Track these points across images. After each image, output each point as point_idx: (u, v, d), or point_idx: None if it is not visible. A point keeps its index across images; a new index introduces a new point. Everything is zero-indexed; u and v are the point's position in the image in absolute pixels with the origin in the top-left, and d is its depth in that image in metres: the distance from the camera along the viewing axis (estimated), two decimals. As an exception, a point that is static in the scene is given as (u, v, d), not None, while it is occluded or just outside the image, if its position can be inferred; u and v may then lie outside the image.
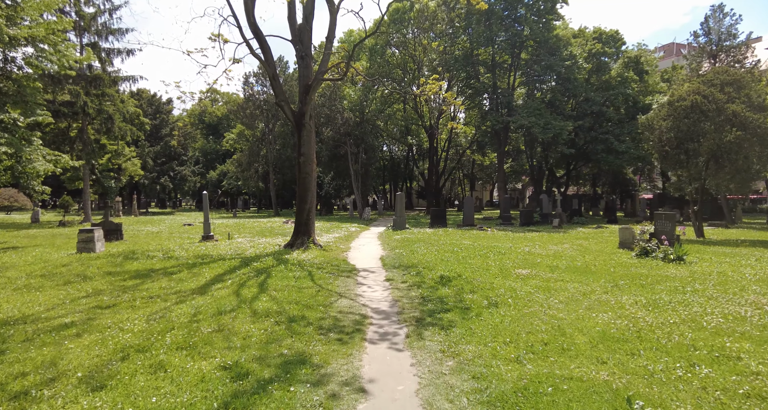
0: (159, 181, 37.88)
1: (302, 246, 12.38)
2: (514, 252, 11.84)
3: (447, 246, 13.27)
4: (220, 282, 8.00)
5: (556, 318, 5.43)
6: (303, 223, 12.81)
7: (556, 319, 5.35)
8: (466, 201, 22.43)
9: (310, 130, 13.15)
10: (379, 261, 10.88)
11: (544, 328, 4.99)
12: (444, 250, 12.18)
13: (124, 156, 30.87)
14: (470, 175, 59.36)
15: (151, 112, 40.27)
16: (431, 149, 38.50)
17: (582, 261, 10.38)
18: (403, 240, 15.27)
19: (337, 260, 10.72)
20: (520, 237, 16.68)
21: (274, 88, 13.04)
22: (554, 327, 5.04)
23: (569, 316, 5.48)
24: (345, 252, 12.49)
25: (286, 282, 7.92)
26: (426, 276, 8.42)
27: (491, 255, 11.23)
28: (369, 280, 8.48)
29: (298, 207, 13.03)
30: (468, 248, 12.74)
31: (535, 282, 7.70)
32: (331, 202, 41.50)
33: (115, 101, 24.34)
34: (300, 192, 13.05)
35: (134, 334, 4.82)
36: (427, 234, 17.34)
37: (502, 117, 29.05)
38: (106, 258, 10.55)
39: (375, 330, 5.30)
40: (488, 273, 8.71)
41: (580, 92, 30.33)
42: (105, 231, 14.72)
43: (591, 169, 41.28)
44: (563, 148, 30.04)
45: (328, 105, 32.32)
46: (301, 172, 13.05)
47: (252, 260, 10.30)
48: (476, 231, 19.21)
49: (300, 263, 9.90)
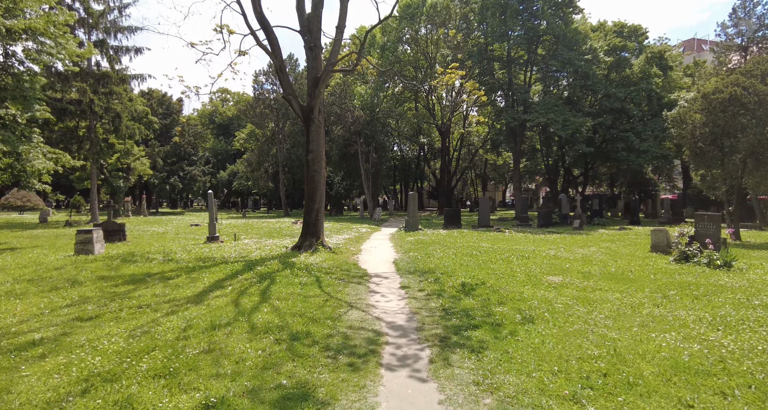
0: (169, 181, 37.61)
1: (310, 249, 11.64)
2: (538, 256, 10.93)
3: (465, 249, 12.40)
4: (219, 289, 7.27)
5: (607, 338, 4.55)
6: (311, 224, 12.07)
7: (608, 340, 4.48)
8: (481, 201, 21.50)
9: (319, 126, 12.41)
10: (392, 266, 10.07)
11: (597, 353, 4.12)
12: (462, 254, 11.32)
13: (133, 155, 30.59)
14: (482, 174, 58.19)
15: (161, 112, 40.10)
16: (443, 148, 37.57)
17: (615, 266, 9.44)
18: (417, 242, 14.44)
19: (347, 264, 9.94)
20: (542, 239, 15.71)
21: (281, 81, 12.34)
22: (609, 351, 4.17)
23: (623, 337, 4.60)
24: (355, 255, 11.71)
25: (291, 289, 7.16)
26: (445, 284, 7.59)
27: (514, 260, 10.34)
28: (382, 288, 7.68)
29: (306, 207, 12.29)
30: (488, 251, 11.86)
31: (571, 292, 6.81)
32: (341, 202, 40.83)
33: (123, 99, 23.96)
34: (308, 191, 12.32)
35: (107, 357, 4.08)
36: (441, 236, 16.48)
37: (517, 114, 28.00)
38: (103, 261, 9.93)
39: (392, 351, 4.49)
40: (515, 280, 7.84)
41: (600, 88, 29.11)
42: (107, 232, 14.20)
43: (609, 169, 39.92)
44: (582, 146, 28.85)
45: (338, 103, 31.63)
46: (309, 170, 12.32)
47: (256, 264, 9.58)
48: (493, 232, 18.28)
49: (307, 267, 9.15)
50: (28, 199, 39.51)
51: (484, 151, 48.23)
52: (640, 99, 29.51)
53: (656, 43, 33.53)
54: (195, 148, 43.28)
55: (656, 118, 29.00)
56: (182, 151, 39.99)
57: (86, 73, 22.23)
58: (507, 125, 29.58)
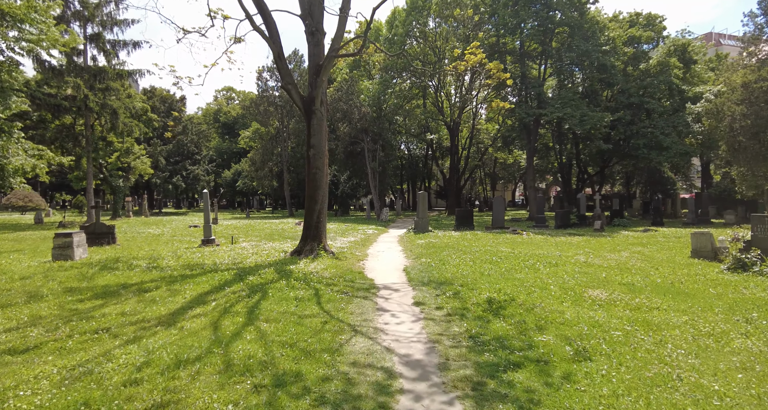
0: (171, 181, 36.79)
1: (311, 254, 10.50)
2: (567, 263, 9.69)
3: (482, 254, 11.18)
4: (201, 305, 6.16)
5: (705, 389, 3.34)
6: (313, 227, 10.94)
7: (709, 394, 3.27)
8: (495, 201, 20.24)
9: (321, 118, 11.28)
10: (402, 274, 8.90)
11: (701, 417, 2.92)
12: (481, 260, 10.11)
13: (134, 154, 29.73)
14: (492, 174, 56.79)
15: (164, 110, 39.32)
16: (452, 146, 36.29)
17: (659, 276, 8.18)
18: (429, 245, 13.25)
19: (352, 272, 8.78)
20: (564, 242, 14.43)
21: (279, 69, 11.22)
22: (717, 413, 2.97)
23: (729, 390, 3.38)
24: (361, 261, 10.55)
25: (284, 306, 6.03)
26: (468, 300, 6.40)
27: (541, 268, 9.11)
28: (392, 303, 6.51)
29: (307, 207, 11.16)
30: (509, 257, 10.64)
31: (623, 313, 5.59)
32: (348, 202, 39.73)
33: (121, 96, 23.06)
34: (309, 190, 11.19)
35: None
36: (454, 239, 15.27)
37: (531, 109, 26.66)
38: (79, 269, 8.88)
39: (409, 406, 3.32)
40: (549, 295, 6.63)
41: (617, 82, 27.64)
42: (95, 234, 13.20)
43: (625, 167, 38.39)
44: (600, 142, 27.43)
45: (344, 99, 30.51)
46: (310, 167, 11.19)
47: (249, 272, 8.46)
48: (509, 234, 17.03)
49: (306, 277, 8.01)
50: (30, 199, 38.91)
51: (494, 149, 46.85)
52: (660, 92, 27.99)
53: (678, 35, 31.95)
54: (198, 146, 42.45)
55: (678, 113, 27.52)
56: (185, 149, 39.16)
57: (81, 68, 21.34)
58: (520, 121, 28.24)
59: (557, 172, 43.72)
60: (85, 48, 21.69)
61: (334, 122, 31.65)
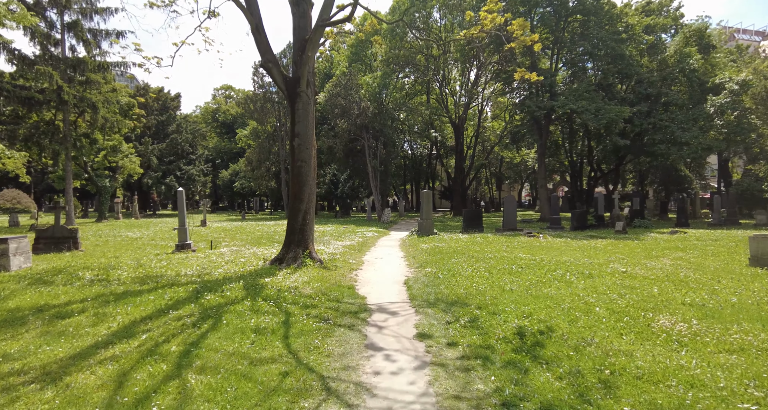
0: (164, 181, 35.27)
1: (294, 263, 8.81)
2: (604, 274, 7.94)
3: (498, 261, 9.45)
4: (124, 339, 4.48)
5: None
6: (297, 230, 9.24)
7: None
8: (506, 201, 18.48)
9: (308, 102, 9.60)
10: (403, 289, 7.19)
11: None
12: (498, 270, 8.37)
13: (122, 152, 28.20)
14: (498, 173, 54.97)
15: (157, 108, 37.83)
16: (457, 144, 34.56)
17: (729, 291, 6.43)
18: (434, 250, 11.53)
19: (340, 287, 7.07)
20: (588, 246, 12.66)
21: (258, 44, 9.55)
22: None
23: None
24: (354, 271, 8.84)
25: (236, 343, 4.34)
26: (490, 330, 4.69)
27: (574, 280, 7.38)
28: (387, 336, 4.80)
29: (291, 208, 9.48)
30: (530, 265, 8.90)
31: (726, 358, 3.85)
32: (349, 203, 38.06)
33: (103, 89, 21.51)
34: (293, 187, 9.50)
35: None
36: (462, 243, 13.53)
37: (542, 102, 24.88)
38: (5, 283, 7.24)
39: None
40: (599, 321, 4.90)
41: (634, 72, 25.79)
42: (53, 239, 11.60)
43: (638, 165, 36.50)
44: (616, 138, 25.54)
45: (343, 94, 28.86)
46: (294, 160, 9.51)
47: (212, 288, 6.78)
48: (524, 237, 15.26)
49: (279, 295, 6.31)
50: (18, 200, 37.50)
51: (500, 147, 45.09)
52: (680, 82, 26.11)
53: (694, 21, 30.03)
54: (194, 146, 40.93)
55: (699, 105, 25.65)
56: (180, 149, 37.64)
57: (58, 58, 19.80)
58: (530, 115, 26.46)
59: (566, 171, 41.90)
60: (63, 37, 20.15)
61: (332, 118, 30.03)
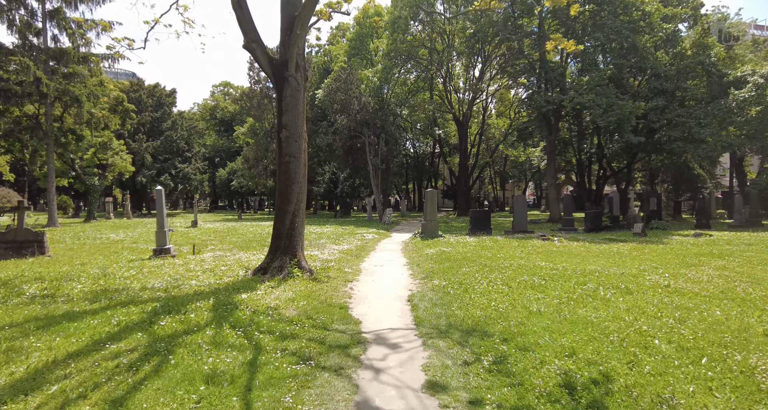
0: (158, 179, 34.10)
1: (279, 273, 7.58)
2: (644, 288, 6.69)
3: (516, 271, 8.21)
4: (20, 397, 3.26)
5: None
6: (284, 235, 8.01)
7: None
8: (516, 201, 17.21)
9: (298, 88, 8.36)
10: (406, 309, 5.95)
11: None
12: (518, 283, 7.13)
13: (112, 150, 27.04)
14: (502, 172, 53.63)
15: (152, 104, 36.65)
16: (462, 142, 33.26)
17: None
18: (441, 257, 10.30)
19: (330, 307, 5.84)
20: (611, 252, 11.39)
21: (240, 22, 8.31)
22: None
23: None
24: (350, 284, 7.61)
25: (176, 400, 3.12)
26: (525, 377, 3.45)
27: (611, 297, 6.14)
28: (386, 387, 3.56)
29: (278, 208, 8.25)
30: (554, 276, 7.66)
31: None
32: (349, 203, 36.82)
33: (88, 82, 20.32)
34: (280, 185, 8.28)
35: None
36: (471, 247, 12.30)
37: (551, 97, 23.57)
38: (-71, 300, 6.05)
39: None
40: (668, 363, 3.65)
41: (648, 65, 24.44)
42: (14, 243, 10.40)
43: (648, 163, 35.18)
44: (629, 136, 24.17)
45: (342, 89, 27.63)
46: (282, 155, 8.28)
47: (173, 308, 5.57)
48: (537, 240, 14.00)
49: (252, 319, 5.08)
50: (8, 199, 36.41)
51: (505, 145, 43.78)
52: (697, 75, 24.75)
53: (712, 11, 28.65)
54: (189, 143, 39.75)
55: (718, 100, 24.29)
56: (175, 146, 36.46)
57: (39, 48, 18.62)
58: (538, 110, 25.13)
59: (571, 170, 40.56)
60: (44, 26, 18.97)
61: (331, 114, 28.80)
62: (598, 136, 30.39)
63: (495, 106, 45.66)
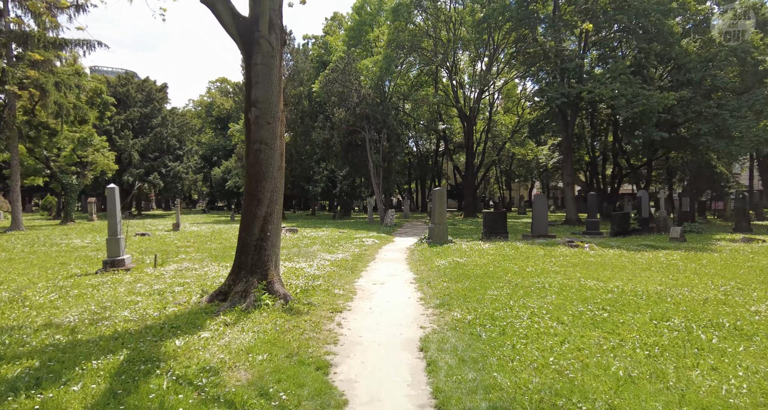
0: (147, 179, 32.19)
1: (242, 301, 5.55)
2: (759, 326, 4.64)
3: (558, 294, 6.17)
4: None
5: None
6: (251, 248, 5.98)
7: None
8: (536, 201, 15.14)
9: (272, 54, 6.34)
10: (419, 367, 3.91)
11: None
12: (572, 316, 5.09)
13: (93, 146, 25.09)
14: (508, 171, 51.51)
15: (141, 99, 34.71)
16: (468, 138, 31.20)
17: None
18: (456, 271, 8.26)
19: (302, 364, 3.81)
20: (659, 263, 9.33)
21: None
22: None
23: None
24: (338, 315, 5.56)
25: None
26: None
27: (722, 344, 4.10)
28: None
29: (245, 213, 6.23)
30: (615, 305, 5.62)
31: None
32: (349, 203, 34.78)
33: (58, 70, 18.36)
34: (247, 182, 6.26)
35: None
36: (489, 256, 10.26)
37: (566, 89, 21.46)
38: None
39: None
40: None
41: (675, 53, 22.30)
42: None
43: (671, 161, 33.09)
44: (652, 130, 21.99)
45: (341, 80, 25.63)
46: (251, 141, 6.27)
47: (59, 370, 3.56)
48: (564, 247, 11.94)
49: (166, 401, 3.06)
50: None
51: (512, 143, 41.74)
52: (728, 64, 22.61)
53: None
54: (181, 141, 37.79)
55: (753, 90, 22.20)
56: (165, 144, 34.53)
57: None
58: (551, 103, 23.02)
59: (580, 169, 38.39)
60: (6, 7, 17.02)
61: (329, 107, 26.81)
62: (615, 131, 28.26)
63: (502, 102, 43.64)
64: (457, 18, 28.23)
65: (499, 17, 23.25)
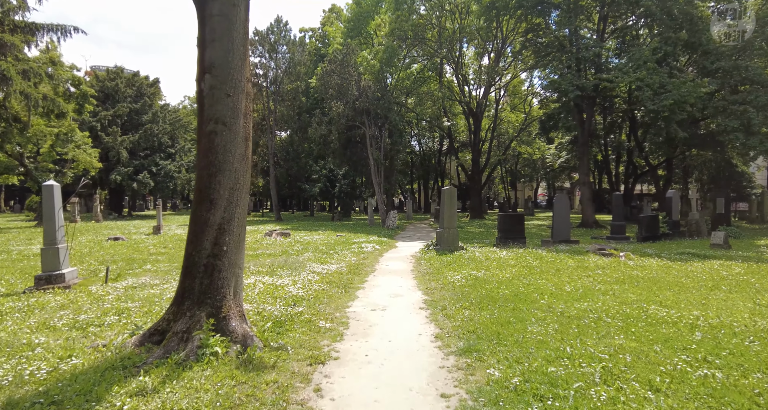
0: (136, 178, 30.57)
1: (182, 347, 3.83)
2: None
3: (625, 331, 4.45)
4: None
5: None
6: (201, 268, 4.26)
7: None
8: (557, 201, 13.38)
9: (234, 3, 4.63)
10: None
11: None
12: (661, 377, 3.36)
13: (74, 142, 23.44)
14: (513, 170, 49.72)
15: (131, 94, 33.08)
16: (475, 136, 29.45)
17: None
18: (477, 291, 6.55)
19: None
20: (724, 278, 7.59)
21: None
22: None
23: None
24: (318, 368, 3.83)
25: None
26: None
27: None
28: None
29: (194, 218, 4.53)
30: (714, 352, 3.88)
31: None
32: (350, 203, 33.03)
33: (26, 57, 16.71)
34: (199, 175, 4.56)
35: None
36: (511, 268, 8.54)
37: (582, 80, 19.69)
38: None
39: None
40: None
41: (702, 42, 20.49)
42: None
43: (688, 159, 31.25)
44: (673, 128, 20.03)
45: (338, 72, 23.95)
46: (204, 120, 4.55)
47: None
48: (596, 256, 10.18)
49: None
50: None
51: (518, 142, 40.01)
52: (763, 54, 20.80)
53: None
54: (174, 138, 36.12)
55: (786, 84, 20.37)
56: (156, 141, 32.90)
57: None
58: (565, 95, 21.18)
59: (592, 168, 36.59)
60: (-34, -14, 15.40)
61: (326, 100, 25.12)
62: (632, 127, 26.46)
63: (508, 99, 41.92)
64: (464, 6, 26.50)
65: (510, 2, 21.48)
